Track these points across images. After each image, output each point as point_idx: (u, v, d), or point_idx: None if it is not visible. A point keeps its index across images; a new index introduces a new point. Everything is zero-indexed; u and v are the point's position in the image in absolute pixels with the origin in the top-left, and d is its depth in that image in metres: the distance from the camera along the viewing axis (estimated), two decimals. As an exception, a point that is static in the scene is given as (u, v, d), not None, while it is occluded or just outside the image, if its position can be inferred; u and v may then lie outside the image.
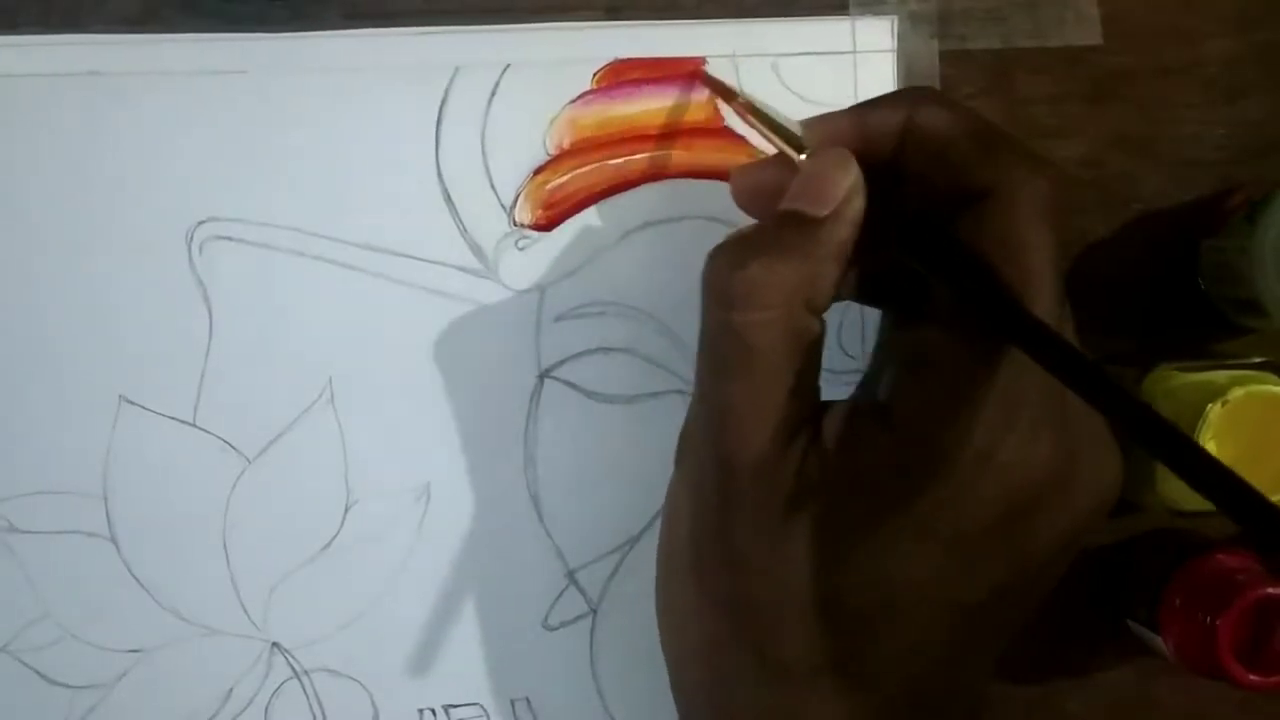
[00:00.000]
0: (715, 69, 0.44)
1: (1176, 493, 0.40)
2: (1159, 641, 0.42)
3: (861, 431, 0.33)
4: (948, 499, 0.31)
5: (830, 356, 0.44)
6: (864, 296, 0.37)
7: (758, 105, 0.39)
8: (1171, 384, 0.41)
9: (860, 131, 0.35)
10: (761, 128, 0.38)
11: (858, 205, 0.33)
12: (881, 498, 0.32)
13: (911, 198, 0.34)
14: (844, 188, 0.33)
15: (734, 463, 0.33)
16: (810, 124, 0.36)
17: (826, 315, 0.34)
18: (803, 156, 0.35)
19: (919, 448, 0.32)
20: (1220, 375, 0.40)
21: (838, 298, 0.35)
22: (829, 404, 0.35)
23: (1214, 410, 0.39)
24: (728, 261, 0.33)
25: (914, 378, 0.33)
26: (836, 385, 0.44)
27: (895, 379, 0.34)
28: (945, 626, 0.32)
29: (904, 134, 0.34)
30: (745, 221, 0.44)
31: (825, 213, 0.33)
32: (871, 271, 0.36)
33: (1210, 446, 0.39)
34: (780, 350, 0.33)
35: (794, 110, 0.44)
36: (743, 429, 0.33)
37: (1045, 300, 0.31)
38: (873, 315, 0.44)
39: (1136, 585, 0.44)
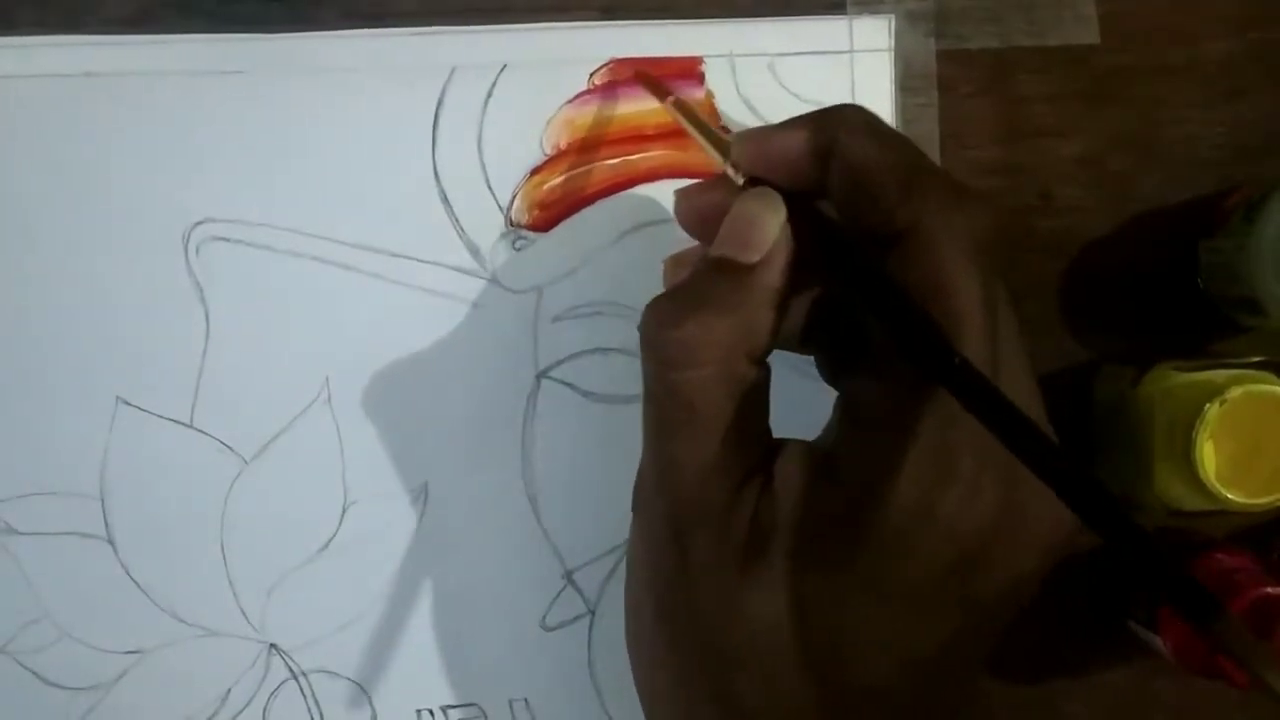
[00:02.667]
0: (713, 70, 0.44)
1: (1175, 492, 0.40)
2: (1158, 642, 0.42)
3: (810, 480, 0.32)
4: (890, 553, 0.31)
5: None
6: (801, 346, 0.36)
7: (687, 109, 0.39)
8: (1170, 383, 0.41)
9: (789, 152, 0.33)
10: (691, 130, 0.38)
11: (786, 248, 0.33)
12: (828, 550, 0.31)
13: (844, 226, 0.33)
14: (772, 231, 0.33)
15: (683, 517, 0.33)
16: (742, 137, 0.35)
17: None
18: (728, 165, 0.35)
19: (860, 501, 0.31)
20: (1219, 374, 0.40)
21: (774, 347, 0.34)
22: (784, 444, 0.34)
23: (1212, 410, 0.39)
24: (662, 320, 0.32)
25: (853, 429, 0.33)
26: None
27: (837, 429, 0.34)
28: (902, 675, 0.32)
29: (830, 159, 0.33)
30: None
31: (756, 259, 0.32)
32: (808, 318, 0.35)
33: (1208, 446, 0.39)
34: (721, 404, 0.32)
35: (792, 111, 0.44)
36: (689, 484, 0.32)
37: (972, 344, 0.30)
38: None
39: (1135, 586, 0.44)
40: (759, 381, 0.33)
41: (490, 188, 0.44)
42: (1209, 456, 0.39)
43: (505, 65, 0.44)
